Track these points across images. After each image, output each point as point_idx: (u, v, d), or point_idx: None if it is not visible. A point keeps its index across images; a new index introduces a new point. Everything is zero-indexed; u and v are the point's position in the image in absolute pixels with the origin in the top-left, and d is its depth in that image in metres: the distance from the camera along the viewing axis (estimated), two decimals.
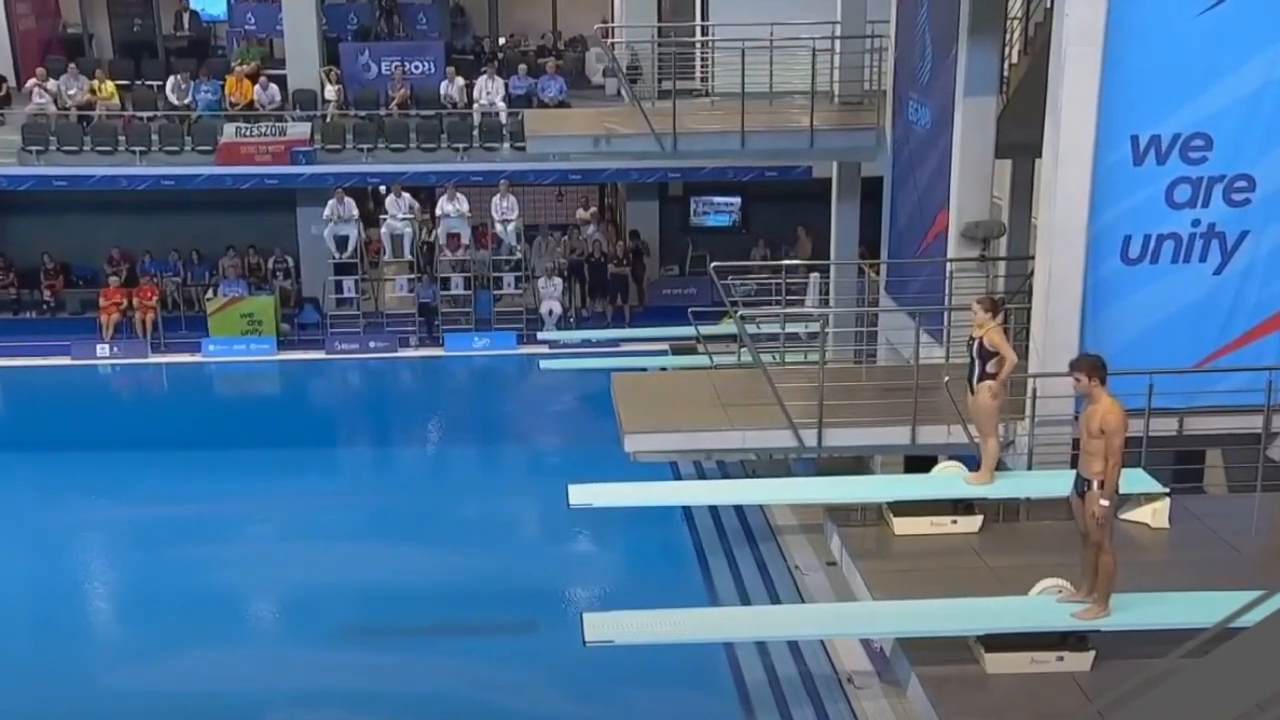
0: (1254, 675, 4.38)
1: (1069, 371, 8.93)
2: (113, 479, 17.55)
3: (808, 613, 11.84)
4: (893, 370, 13.85)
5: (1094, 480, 8.51)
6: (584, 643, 8.84)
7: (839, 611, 10.91)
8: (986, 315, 10.54)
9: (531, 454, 19.19)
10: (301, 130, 22.87)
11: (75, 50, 26.30)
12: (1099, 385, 8.59)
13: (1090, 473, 8.55)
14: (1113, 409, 8.47)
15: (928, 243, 14.17)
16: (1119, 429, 8.41)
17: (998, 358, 10.38)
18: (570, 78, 25.09)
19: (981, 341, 10.49)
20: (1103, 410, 8.49)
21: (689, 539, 15.06)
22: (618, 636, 9.02)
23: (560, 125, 18.97)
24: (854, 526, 10.87)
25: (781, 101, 17.91)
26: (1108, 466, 8.42)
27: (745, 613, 12.29)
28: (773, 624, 10.83)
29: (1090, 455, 8.56)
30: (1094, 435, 8.49)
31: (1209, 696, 4.43)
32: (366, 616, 13.63)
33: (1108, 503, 8.48)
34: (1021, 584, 9.17)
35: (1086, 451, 8.62)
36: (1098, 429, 8.45)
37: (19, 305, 24.37)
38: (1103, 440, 8.42)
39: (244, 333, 22.79)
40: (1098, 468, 8.49)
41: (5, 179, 22.66)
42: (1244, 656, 4.41)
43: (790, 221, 23.81)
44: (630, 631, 9.12)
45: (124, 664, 12.94)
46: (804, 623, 10.79)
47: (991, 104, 12.85)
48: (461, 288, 23.59)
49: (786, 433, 11.71)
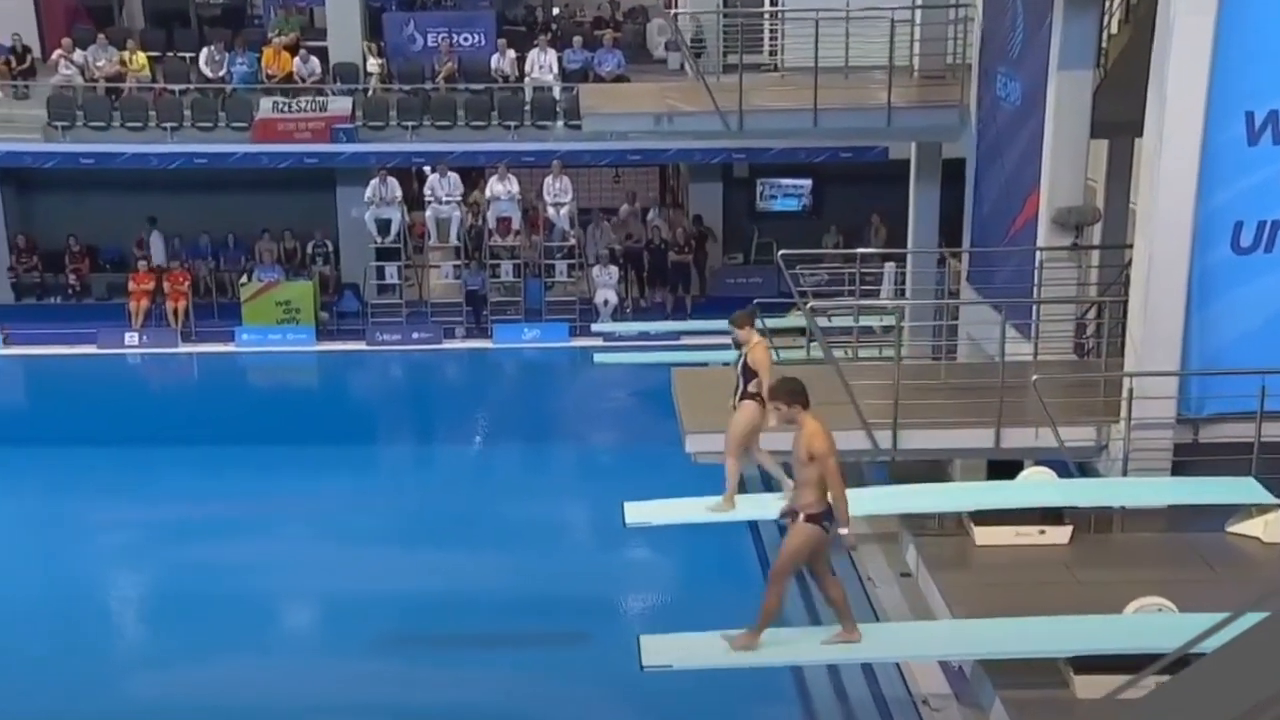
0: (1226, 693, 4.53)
1: (769, 399, 9.03)
2: (139, 475, 17.77)
3: (882, 632, 11.57)
4: (975, 367, 13.74)
5: (801, 512, 8.62)
6: (641, 668, 8.86)
7: (916, 631, 10.79)
8: (749, 331, 10.75)
9: (584, 455, 19.21)
10: (342, 106, 23.05)
11: (104, 19, 26.59)
12: (800, 410, 8.69)
13: (801, 504, 8.67)
14: (819, 432, 8.59)
15: (1015, 230, 14.02)
16: (829, 451, 8.54)
17: (758, 378, 10.45)
18: (629, 50, 25.09)
19: (745, 359, 10.65)
20: (808, 434, 8.59)
21: (752, 548, 14.98)
22: (677, 661, 9.02)
23: (618, 101, 18.94)
24: (931, 536, 10.80)
25: (857, 76, 17.77)
26: (830, 493, 8.54)
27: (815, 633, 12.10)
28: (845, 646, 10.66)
29: (802, 485, 8.67)
30: (804, 463, 8.59)
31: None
32: (405, 625, 13.70)
33: (846, 531, 8.64)
34: (1115, 601, 9.04)
35: (798, 482, 8.75)
36: (806, 455, 8.56)
37: (43, 289, 24.74)
38: (814, 468, 8.53)
39: (280, 321, 22.99)
40: (809, 498, 8.60)
41: (29, 156, 23.02)
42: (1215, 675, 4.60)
43: (864, 206, 23.66)
44: (690, 655, 9.09)
45: (148, 671, 13.09)
46: (878, 644, 10.62)
47: (1088, 78, 12.67)
48: (511, 275, 23.66)
49: (859, 434, 11.63)
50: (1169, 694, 4.74)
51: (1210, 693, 4.57)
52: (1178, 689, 4.71)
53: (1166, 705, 4.71)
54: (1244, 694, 4.40)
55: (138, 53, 23.76)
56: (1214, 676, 4.60)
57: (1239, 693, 4.43)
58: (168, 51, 24.84)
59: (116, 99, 23.18)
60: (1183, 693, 4.69)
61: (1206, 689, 4.59)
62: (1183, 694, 4.69)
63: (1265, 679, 4.41)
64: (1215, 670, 4.60)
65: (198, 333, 23.13)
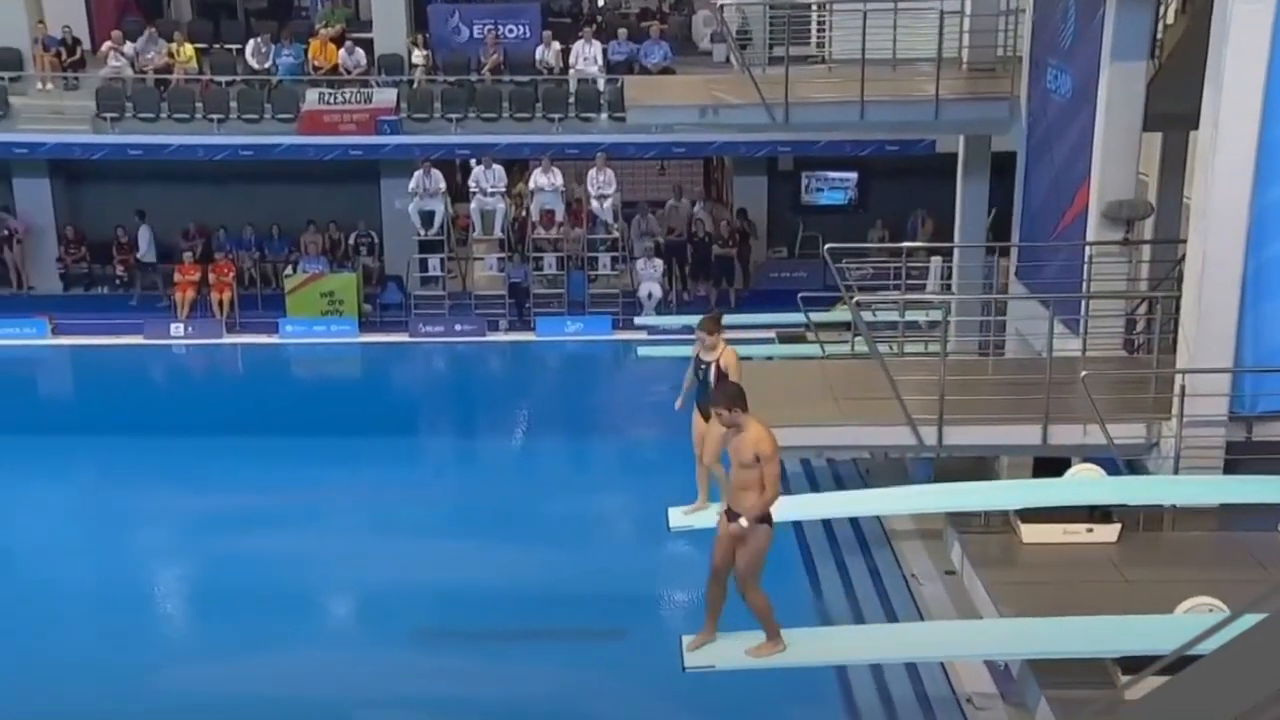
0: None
1: (712, 406, 8.91)
2: (184, 466, 17.86)
3: (928, 632, 11.51)
4: (1022, 363, 13.63)
5: (746, 516, 8.51)
6: (683, 669, 8.83)
7: (963, 630, 10.68)
8: (717, 337, 10.70)
9: (626, 448, 19.18)
10: (387, 97, 23.10)
11: (153, 11, 26.88)
12: (742, 413, 8.58)
13: (742, 507, 8.55)
14: (765, 435, 8.50)
15: (1064, 224, 13.87)
16: (774, 454, 8.47)
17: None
18: (675, 42, 25.04)
19: (717, 365, 10.60)
20: (754, 438, 8.49)
21: (795, 544, 14.89)
22: (719, 661, 8.97)
23: (663, 94, 18.89)
24: (977, 533, 10.70)
25: (905, 69, 17.65)
26: (765, 493, 8.44)
27: (858, 633, 11.97)
28: (889, 645, 10.54)
29: (745, 488, 8.55)
30: (747, 465, 8.50)
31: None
32: (447, 617, 13.72)
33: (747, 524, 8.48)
34: (1165, 601, 8.91)
35: (737, 485, 8.63)
36: (751, 458, 8.46)
37: (90, 280, 24.96)
38: (756, 470, 8.43)
39: (323, 313, 23.09)
40: (752, 500, 8.49)
41: (79, 147, 23.22)
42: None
43: (910, 200, 23.52)
44: (733, 656, 9.01)
45: (193, 660, 13.16)
46: (924, 643, 10.51)
47: (1142, 69, 12.49)
48: (554, 268, 23.66)
49: (904, 430, 11.54)
50: (1169, 693, 4.77)
51: (1210, 692, 4.58)
52: (1178, 689, 4.73)
53: (1167, 705, 4.76)
54: (1244, 693, 4.42)
55: (185, 45, 23.88)
56: (1214, 676, 4.61)
57: (1239, 692, 4.45)
58: (215, 43, 24.97)
59: (164, 91, 23.33)
60: (1183, 692, 4.71)
61: (1207, 689, 4.60)
62: (1183, 694, 4.71)
63: (1265, 679, 4.43)
64: (1215, 670, 4.62)
65: (242, 324, 23.27)
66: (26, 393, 22.41)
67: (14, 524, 16.40)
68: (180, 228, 24.44)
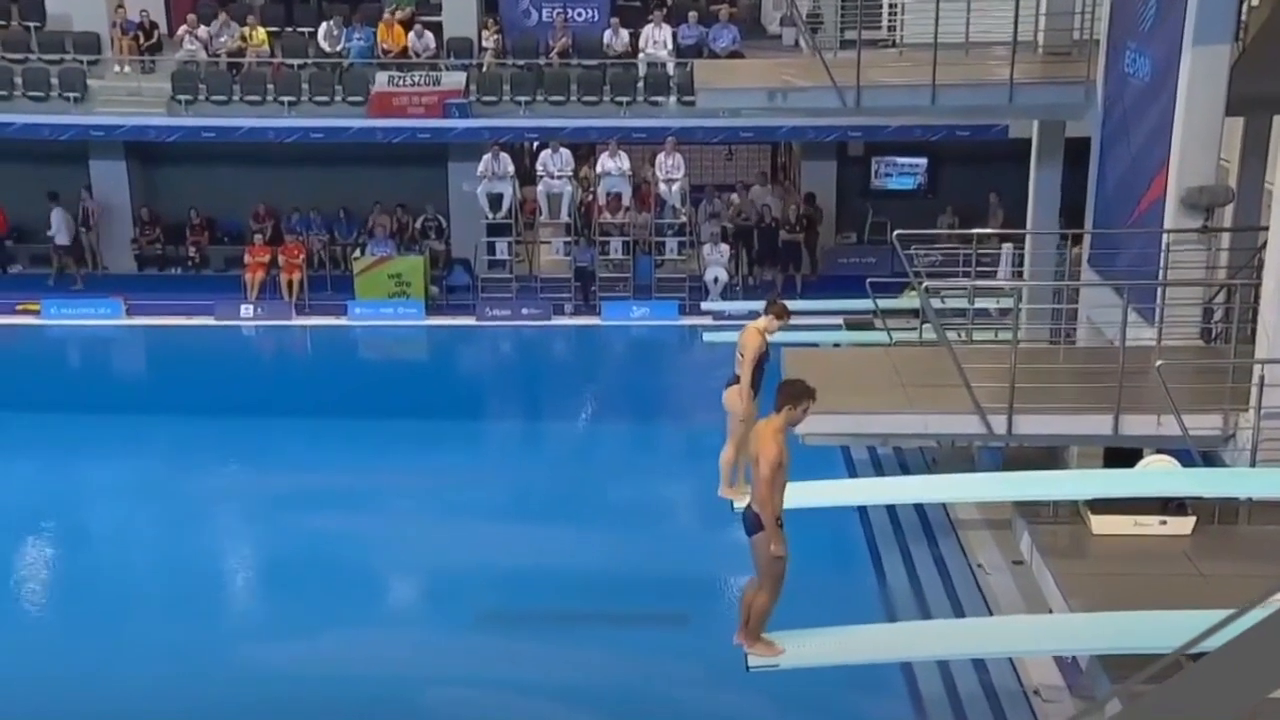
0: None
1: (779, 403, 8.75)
2: (252, 445, 18.05)
3: (996, 628, 11.21)
4: (1094, 352, 13.41)
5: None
6: (747, 669, 8.79)
7: (1033, 626, 10.44)
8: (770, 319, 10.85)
9: (690, 434, 19.03)
10: (456, 80, 23.14)
11: None
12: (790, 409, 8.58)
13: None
14: (766, 442, 8.43)
15: (1140, 211, 13.60)
16: (764, 460, 8.37)
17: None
18: (745, 26, 24.89)
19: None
20: (759, 439, 8.52)
21: (860, 532, 14.76)
22: (783, 660, 8.88)
23: (732, 78, 18.75)
24: (1046, 524, 10.53)
25: (978, 52, 17.37)
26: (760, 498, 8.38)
27: (925, 629, 11.69)
28: (957, 642, 10.32)
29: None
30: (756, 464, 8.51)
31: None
32: (510, 600, 13.72)
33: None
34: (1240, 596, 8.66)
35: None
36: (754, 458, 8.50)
37: (164, 260, 25.25)
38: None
39: (391, 295, 23.21)
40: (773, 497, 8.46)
41: (154, 129, 23.47)
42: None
43: (981, 186, 23.24)
44: (797, 654, 8.92)
45: (257, 639, 13.24)
46: (992, 640, 10.28)
47: (1225, 52, 12.19)
48: (621, 252, 23.61)
49: (973, 418, 11.39)
50: (1170, 693, 4.81)
51: (1211, 692, 4.64)
52: (1178, 688, 4.78)
53: (1167, 704, 4.80)
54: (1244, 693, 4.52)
55: (258, 28, 24.10)
56: (1214, 676, 4.68)
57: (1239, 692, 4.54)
58: (287, 27, 25.20)
59: (237, 74, 23.55)
60: (1184, 691, 4.76)
61: (1207, 688, 4.67)
62: (1183, 693, 4.77)
63: (1265, 678, 4.54)
64: (1216, 670, 4.70)
65: (311, 306, 23.44)
66: (102, 372, 22.78)
67: (88, 502, 16.68)
68: (250, 210, 24.66)
